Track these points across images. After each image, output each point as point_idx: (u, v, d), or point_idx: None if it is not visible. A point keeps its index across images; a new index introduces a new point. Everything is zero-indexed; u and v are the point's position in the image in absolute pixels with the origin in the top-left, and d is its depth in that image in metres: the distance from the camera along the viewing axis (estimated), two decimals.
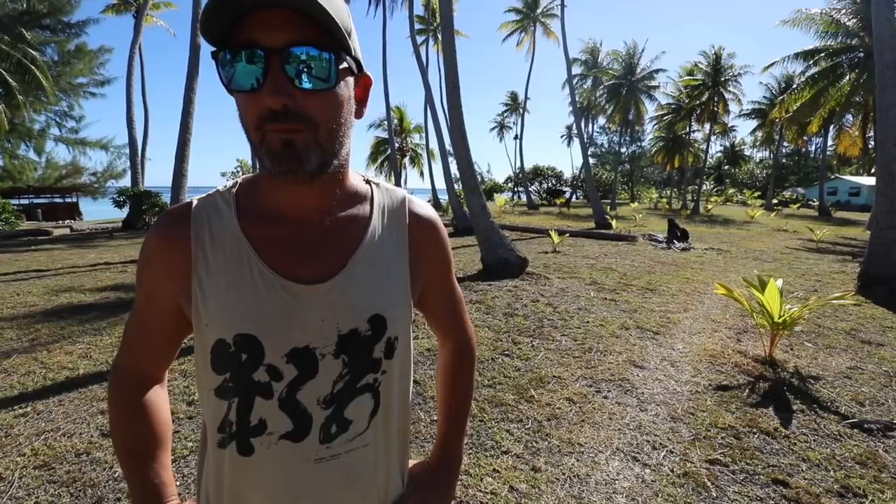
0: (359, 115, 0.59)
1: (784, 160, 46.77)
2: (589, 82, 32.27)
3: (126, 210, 16.20)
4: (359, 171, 0.69)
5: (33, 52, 15.61)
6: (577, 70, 31.00)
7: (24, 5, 15.52)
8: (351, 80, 0.56)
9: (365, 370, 0.61)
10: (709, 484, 2.07)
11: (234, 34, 0.49)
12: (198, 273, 0.58)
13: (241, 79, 0.50)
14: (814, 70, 16.53)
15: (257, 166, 0.67)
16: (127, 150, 17.38)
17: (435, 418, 2.63)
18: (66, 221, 19.90)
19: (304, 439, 0.58)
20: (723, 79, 25.51)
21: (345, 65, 0.53)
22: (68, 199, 25.18)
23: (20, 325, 4.35)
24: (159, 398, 0.68)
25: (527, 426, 2.55)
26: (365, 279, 0.61)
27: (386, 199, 0.68)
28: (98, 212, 25.20)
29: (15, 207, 17.81)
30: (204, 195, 0.63)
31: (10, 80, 14.67)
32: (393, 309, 0.62)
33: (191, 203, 0.62)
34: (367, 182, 0.68)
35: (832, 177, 38.37)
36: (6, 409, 2.74)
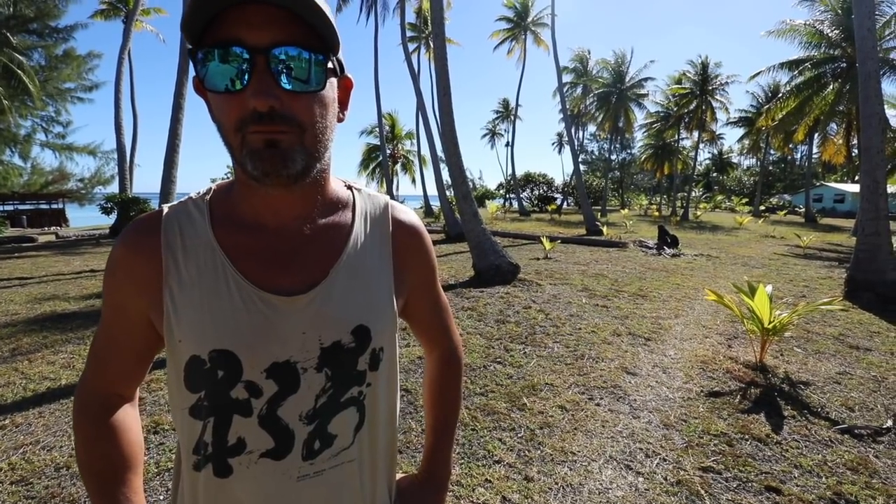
0: (340, 118, 0.57)
1: (771, 167, 47.64)
2: (579, 90, 32.63)
3: (113, 217, 15.96)
4: (340, 176, 0.67)
5: (20, 57, 15.41)
6: (567, 78, 31.35)
7: (11, 9, 15.33)
8: (335, 81, 0.54)
9: (349, 383, 0.58)
10: (702, 492, 2.06)
11: (212, 30, 0.46)
12: (169, 285, 0.55)
13: (218, 78, 0.47)
14: (799, 80, 16.90)
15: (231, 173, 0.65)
16: (115, 156, 17.16)
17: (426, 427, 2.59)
18: (51, 228, 19.57)
19: (285, 457, 0.56)
20: (710, 87, 26.00)
21: (330, 65, 0.51)
22: (54, 206, 24.75)
23: (1, 335, 4.23)
24: (129, 418, 0.63)
25: (519, 435, 2.53)
26: (347, 289, 0.58)
27: (368, 204, 0.65)
28: (85, 218, 24.80)
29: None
30: (176, 202, 0.60)
31: None
32: (377, 319, 0.60)
33: (161, 211, 0.59)
34: (349, 187, 0.66)
35: (817, 184, 39.15)
36: None
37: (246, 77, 0.46)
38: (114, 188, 19.05)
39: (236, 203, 0.58)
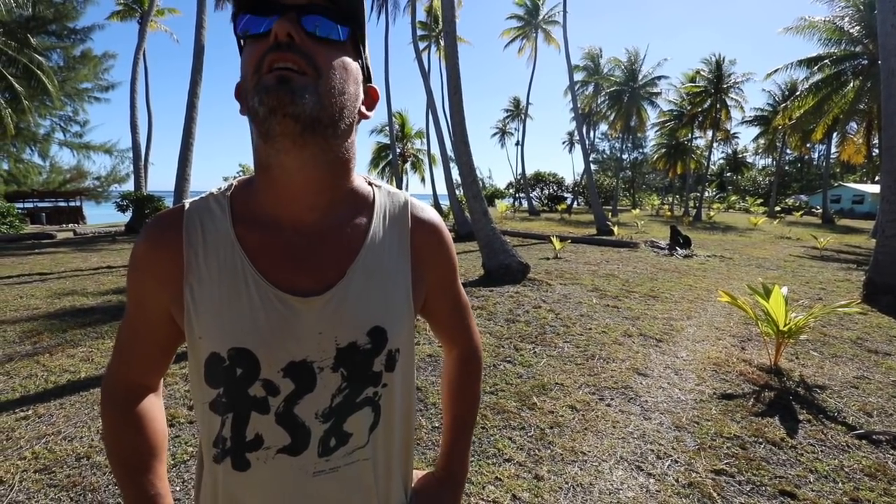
0: (364, 113, 0.59)
1: (787, 167, 46.76)
2: (590, 89, 32.35)
3: (129, 214, 16.28)
4: (362, 173, 0.67)
5: (39, 58, 15.76)
6: (578, 76, 31.09)
7: (31, 11, 15.69)
8: (359, 65, 0.56)
9: (365, 384, 0.58)
10: (715, 495, 2.04)
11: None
12: (189, 282, 0.55)
13: (252, 25, 0.50)
14: (817, 77, 16.56)
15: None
16: (130, 155, 17.48)
17: (437, 424, 2.60)
18: (69, 225, 20.02)
19: (302, 453, 0.57)
20: (725, 86, 25.58)
21: (353, 42, 0.55)
22: (72, 203, 25.29)
23: (23, 329, 4.34)
24: (154, 408, 0.65)
25: (529, 434, 2.53)
26: (364, 290, 0.58)
27: (388, 202, 0.65)
28: (101, 216, 25.31)
29: (19, 211, 17.93)
30: (197, 198, 0.60)
31: (17, 86, 14.80)
32: (393, 320, 0.60)
33: (183, 206, 0.59)
34: (370, 184, 0.66)
35: (836, 184, 38.32)
36: (7, 412, 2.73)
37: (260, 21, 0.50)
38: (129, 186, 19.44)
39: (256, 197, 0.58)
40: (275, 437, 0.56)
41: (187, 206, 0.58)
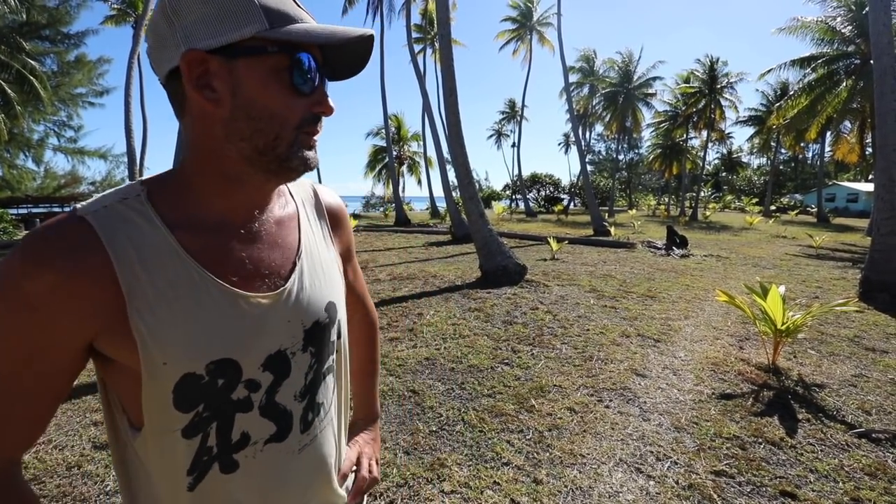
0: None
1: (781, 167, 47.02)
2: (586, 90, 32.47)
3: None
4: None
5: (32, 63, 15.68)
6: (573, 78, 31.18)
7: (24, 16, 15.61)
8: None
9: (327, 354, 0.64)
10: (715, 496, 2.02)
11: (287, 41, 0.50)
12: (136, 309, 0.48)
13: (304, 77, 0.52)
14: (810, 77, 16.66)
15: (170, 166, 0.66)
16: (125, 160, 17.40)
17: (434, 429, 2.58)
18: None
19: (287, 437, 0.59)
20: (719, 86, 25.73)
21: None
22: (66, 209, 25.11)
23: None
24: (28, 489, 0.53)
25: (527, 437, 2.50)
26: (313, 273, 0.63)
27: (301, 191, 0.70)
28: None
29: (13, 217, 17.80)
30: (93, 208, 0.49)
31: (9, 91, 14.72)
32: (338, 294, 0.67)
33: (81, 220, 0.48)
34: None
35: (830, 183, 38.55)
36: None
37: (315, 85, 0.53)
38: None
39: (194, 200, 0.54)
40: (260, 430, 0.56)
41: (90, 219, 0.48)
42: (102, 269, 0.47)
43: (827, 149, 24.14)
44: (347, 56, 0.56)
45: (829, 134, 20.71)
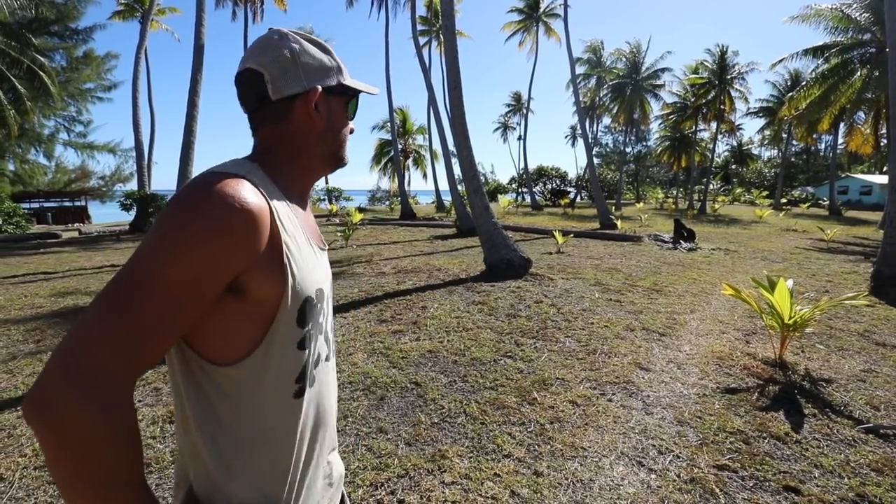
0: None
1: (793, 159, 46.25)
2: (593, 82, 32.04)
3: (133, 213, 16.35)
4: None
5: (42, 59, 15.81)
6: (580, 70, 30.80)
7: (33, 12, 15.71)
8: None
9: (331, 299, 0.83)
10: (717, 490, 2.01)
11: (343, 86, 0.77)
12: (285, 241, 0.64)
13: (353, 112, 0.81)
14: (823, 67, 16.31)
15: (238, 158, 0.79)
16: (133, 154, 17.54)
17: (436, 420, 2.59)
18: (75, 224, 20.12)
19: (331, 358, 0.79)
20: (729, 77, 25.24)
21: None
22: (77, 203, 25.43)
23: (26, 327, 4.37)
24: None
25: (529, 429, 2.50)
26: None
27: None
28: (106, 215, 25.44)
29: (26, 211, 18.05)
30: (241, 171, 0.64)
31: (20, 87, 14.87)
32: None
33: (243, 176, 0.63)
34: None
35: (843, 175, 37.85)
36: (9, 409, 2.75)
37: (352, 115, 0.81)
38: (133, 185, 19.48)
39: (287, 183, 0.73)
40: (323, 349, 0.75)
41: (251, 178, 0.64)
42: (271, 213, 0.63)
43: (840, 140, 23.70)
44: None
45: (842, 125, 20.29)
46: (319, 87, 0.72)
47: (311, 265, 0.69)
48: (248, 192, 0.60)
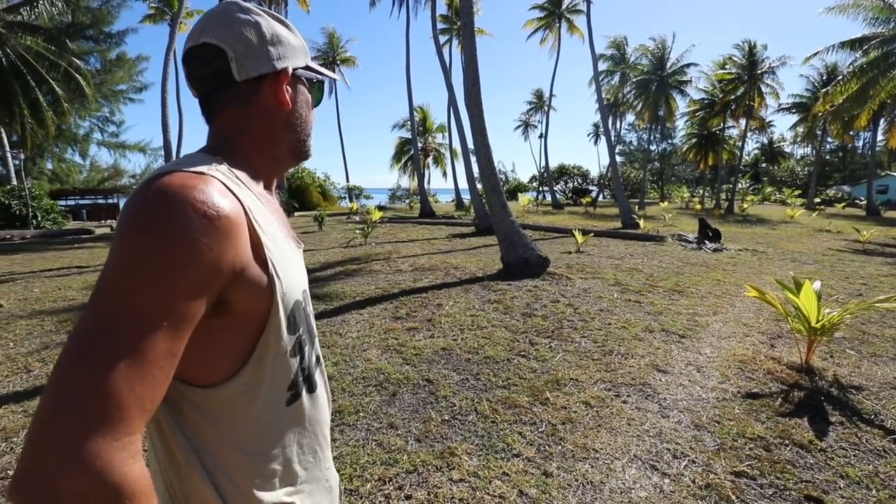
0: None
1: (827, 157, 44.25)
2: (616, 78, 31.39)
3: None
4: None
5: (77, 62, 16.53)
6: (603, 66, 30.21)
7: (70, 18, 16.44)
8: None
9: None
10: (733, 497, 1.95)
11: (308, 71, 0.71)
12: (268, 248, 0.58)
13: (318, 99, 0.75)
14: (862, 60, 15.54)
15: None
16: (163, 153, 18.15)
17: (446, 417, 2.59)
18: (107, 221, 20.97)
19: (321, 361, 0.76)
20: (759, 71, 24.30)
21: None
22: (110, 201, 26.50)
23: (59, 318, 4.58)
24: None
25: (540, 429, 2.48)
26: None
27: None
28: None
29: (62, 208, 18.92)
30: (205, 170, 0.55)
31: (58, 89, 15.58)
32: None
33: (211, 175, 0.54)
34: None
35: (882, 174, 36.00)
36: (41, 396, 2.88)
37: (317, 101, 0.76)
38: None
39: (252, 177, 0.66)
40: (316, 351, 0.73)
41: (219, 177, 0.55)
42: (246, 215, 0.56)
43: (879, 137, 22.51)
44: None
45: (882, 121, 19.30)
46: (290, 68, 0.66)
47: (294, 267, 0.65)
48: (219, 196, 0.52)
